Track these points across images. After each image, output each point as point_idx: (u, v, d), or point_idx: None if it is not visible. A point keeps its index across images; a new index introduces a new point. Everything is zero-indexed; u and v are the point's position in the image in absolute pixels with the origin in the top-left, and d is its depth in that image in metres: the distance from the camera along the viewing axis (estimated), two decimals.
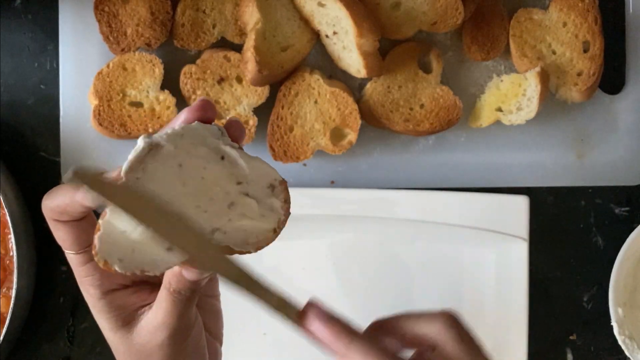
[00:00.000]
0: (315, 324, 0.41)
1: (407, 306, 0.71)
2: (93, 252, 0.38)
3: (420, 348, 0.43)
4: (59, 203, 0.42)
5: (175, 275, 0.41)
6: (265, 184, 0.41)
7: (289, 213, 0.42)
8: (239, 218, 0.40)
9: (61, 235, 0.45)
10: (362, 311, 0.71)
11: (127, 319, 0.43)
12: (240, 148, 0.41)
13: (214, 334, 0.49)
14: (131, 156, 0.38)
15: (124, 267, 0.38)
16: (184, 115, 0.40)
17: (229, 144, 0.41)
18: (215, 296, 0.50)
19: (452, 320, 0.43)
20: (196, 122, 0.40)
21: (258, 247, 0.41)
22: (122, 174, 0.38)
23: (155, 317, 0.42)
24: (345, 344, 0.40)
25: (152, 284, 0.45)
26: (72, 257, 0.45)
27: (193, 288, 0.42)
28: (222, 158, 0.41)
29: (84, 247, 0.44)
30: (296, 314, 0.41)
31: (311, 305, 0.41)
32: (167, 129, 0.40)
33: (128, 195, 0.37)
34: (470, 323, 0.71)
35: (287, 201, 0.42)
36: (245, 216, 0.41)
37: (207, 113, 0.40)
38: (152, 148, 0.39)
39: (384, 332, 0.43)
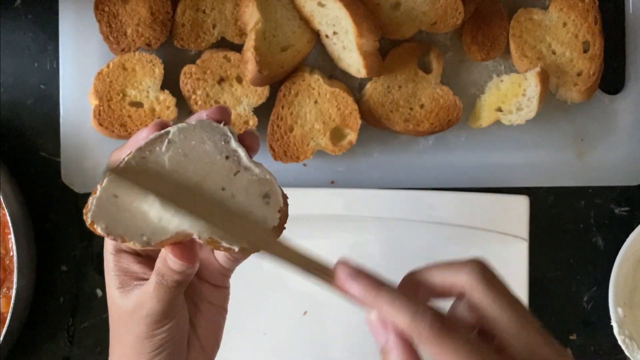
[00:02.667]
0: (345, 281, 0.42)
1: None
2: (84, 210, 0.41)
3: (450, 297, 0.43)
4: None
5: (162, 260, 0.43)
6: (259, 192, 0.43)
7: (284, 227, 0.44)
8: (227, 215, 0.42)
9: None
10: (361, 312, 0.71)
11: (124, 283, 0.46)
12: (250, 156, 0.44)
13: (205, 345, 0.49)
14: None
15: (107, 231, 0.41)
16: (199, 115, 0.44)
17: (236, 147, 0.43)
18: (221, 308, 0.50)
19: (480, 267, 0.42)
20: (209, 120, 0.43)
21: (242, 250, 0.42)
22: (131, 150, 0.42)
23: (141, 294, 0.44)
24: (374, 295, 0.41)
25: None
26: None
27: (176, 278, 0.43)
28: (227, 158, 0.43)
29: None
30: (327, 274, 0.43)
31: (340, 263, 0.43)
32: (181, 123, 0.43)
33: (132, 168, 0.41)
34: None
35: (282, 213, 0.43)
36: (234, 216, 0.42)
37: (222, 116, 0.44)
38: (163, 135, 0.42)
39: (414, 284, 0.44)
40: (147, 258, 0.47)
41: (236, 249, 0.41)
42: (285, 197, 0.44)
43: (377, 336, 0.42)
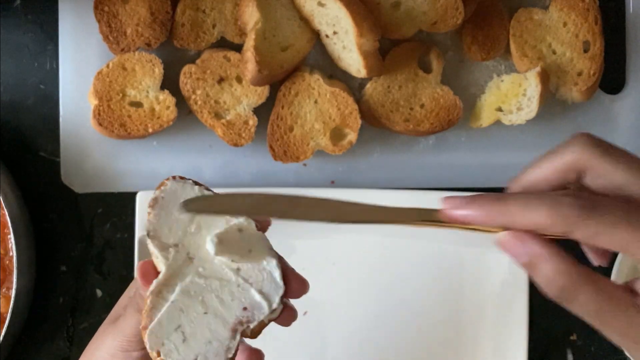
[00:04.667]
0: (463, 209, 0.39)
1: (407, 306, 0.71)
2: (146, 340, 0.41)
3: (567, 184, 0.40)
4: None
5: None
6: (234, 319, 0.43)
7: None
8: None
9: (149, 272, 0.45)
10: (362, 311, 0.71)
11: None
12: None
13: None
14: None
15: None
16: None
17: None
18: None
19: (588, 139, 0.39)
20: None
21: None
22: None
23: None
24: (500, 207, 0.38)
25: None
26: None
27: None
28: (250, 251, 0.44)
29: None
30: (437, 215, 0.41)
31: (446, 198, 0.40)
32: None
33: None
34: (470, 323, 0.71)
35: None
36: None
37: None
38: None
39: (524, 189, 0.41)
40: None
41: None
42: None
43: (516, 254, 0.38)
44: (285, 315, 0.44)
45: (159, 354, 0.41)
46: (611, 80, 0.73)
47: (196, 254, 0.44)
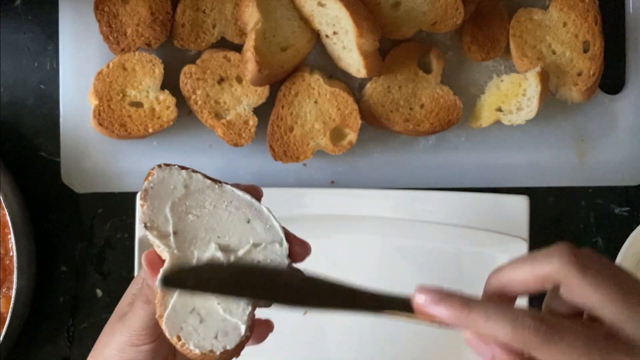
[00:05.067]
0: (430, 307, 0.40)
1: None
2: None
3: (542, 290, 0.41)
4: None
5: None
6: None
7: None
8: None
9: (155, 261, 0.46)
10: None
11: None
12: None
13: None
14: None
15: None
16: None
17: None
18: None
19: (569, 252, 0.39)
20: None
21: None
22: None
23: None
24: (465, 315, 0.39)
25: None
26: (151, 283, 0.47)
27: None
28: (248, 222, 0.45)
29: None
30: (406, 305, 0.41)
31: (419, 290, 0.41)
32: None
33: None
34: None
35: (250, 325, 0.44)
36: None
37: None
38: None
39: (500, 287, 0.41)
40: None
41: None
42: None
43: (481, 353, 0.39)
44: (263, 329, 0.46)
45: (179, 339, 0.41)
46: (611, 80, 0.73)
47: (196, 235, 0.44)
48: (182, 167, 0.47)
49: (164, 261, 0.44)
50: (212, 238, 0.44)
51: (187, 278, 0.40)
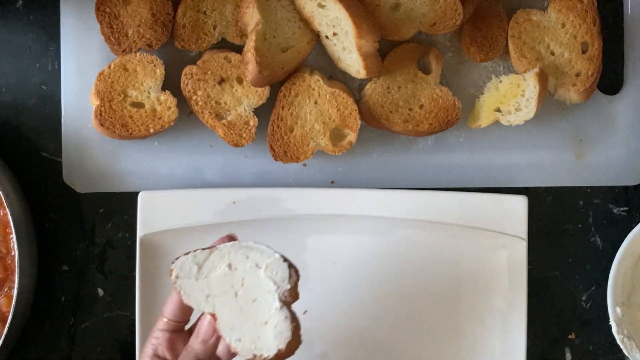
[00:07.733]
0: None
1: (406, 305, 0.71)
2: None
3: None
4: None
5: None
6: None
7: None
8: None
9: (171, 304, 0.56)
10: (361, 311, 0.71)
11: None
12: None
13: None
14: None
15: None
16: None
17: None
18: None
19: None
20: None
21: None
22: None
23: None
24: None
25: None
26: (163, 322, 0.56)
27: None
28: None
29: (177, 320, 0.56)
30: None
31: None
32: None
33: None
34: (470, 322, 0.71)
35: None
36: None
37: None
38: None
39: None
40: None
41: None
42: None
43: None
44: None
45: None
46: (609, 81, 0.73)
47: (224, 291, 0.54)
48: (187, 253, 0.54)
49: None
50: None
51: None
